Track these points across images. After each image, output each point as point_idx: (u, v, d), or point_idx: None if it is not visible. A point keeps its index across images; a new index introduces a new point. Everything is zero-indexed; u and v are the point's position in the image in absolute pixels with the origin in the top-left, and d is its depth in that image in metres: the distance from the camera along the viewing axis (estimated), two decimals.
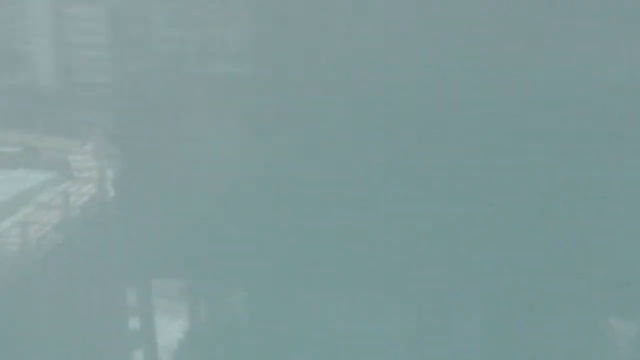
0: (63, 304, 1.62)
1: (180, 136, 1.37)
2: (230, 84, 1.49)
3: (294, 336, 1.40)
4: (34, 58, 1.75)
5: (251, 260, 1.36)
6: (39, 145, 2.43)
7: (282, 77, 1.91)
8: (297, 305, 1.41)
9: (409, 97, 2.16)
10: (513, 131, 2.49)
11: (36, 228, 2.35)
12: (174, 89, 1.43)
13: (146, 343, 1.71)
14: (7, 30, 1.69)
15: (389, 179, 2.15)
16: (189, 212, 1.35)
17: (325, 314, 1.44)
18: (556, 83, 2.31)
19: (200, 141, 1.33)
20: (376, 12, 1.96)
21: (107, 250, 1.80)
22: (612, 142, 2.47)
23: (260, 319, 1.42)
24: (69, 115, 1.76)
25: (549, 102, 2.25)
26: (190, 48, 1.58)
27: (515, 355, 2.26)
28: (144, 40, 1.73)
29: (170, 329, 1.67)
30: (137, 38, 1.77)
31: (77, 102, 1.80)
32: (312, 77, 1.80)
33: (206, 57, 1.58)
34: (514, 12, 2.20)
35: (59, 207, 2.62)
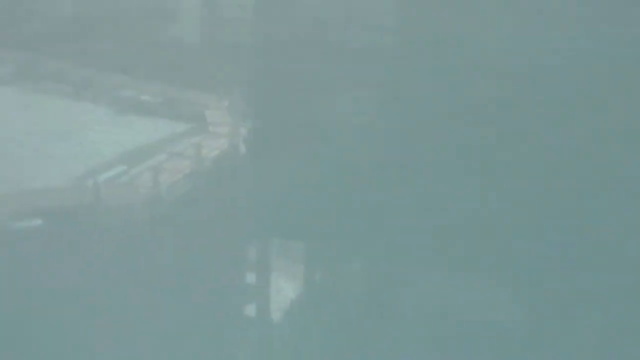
0: (186, 249, 1.70)
1: (314, 102, 1.39)
2: (370, 56, 1.48)
3: (405, 311, 1.41)
4: (181, 15, 1.81)
5: (371, 231, 1.37)
6: (179, 98, 2.52)
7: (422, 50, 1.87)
8: (412, 283, 1.42)
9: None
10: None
11: (168, 175, 2.46)
12: (313, 55, 1.44)
13: (260, 300, 1.77)
14: None
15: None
16: (315, 178, 1.37)
17: (441, 293, 1.43)
18: None
19: (334, 108, 1.34)
20: None
21: (232, 204, 1.87)
22: None
23: (374, 291, 1.44)
24: (210, 71, 1.81)
25: None
26: (333, 15, 1.59)
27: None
28: (288, 5, 1.75)
29: (286, 290, 1.71)
30: (282, 2, 1.80)
31: (218, 59, 1.85)
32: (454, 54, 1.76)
33: (348, 26, 1.58)
34: None
35: (191, 157, 2.72)
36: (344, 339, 1.35)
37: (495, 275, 1.50)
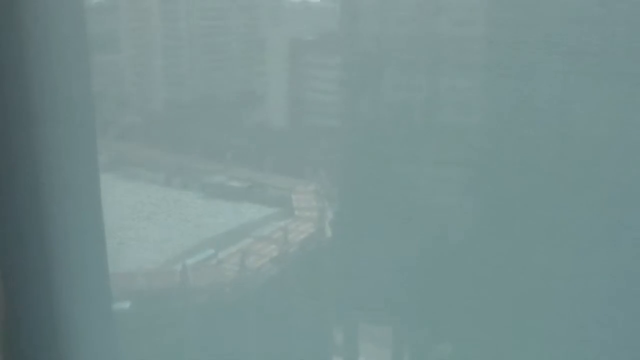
0: (272, 333, 1.68)
1: (400, 185, 1.38)
2: (458, 136, 1.47)
3: None
4: (268, 101, 1.85)
5: (460, 317, 1.32)
6: (266, 182, 2.57)
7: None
8: None
9: None
10: None
11: (255, 259, 2.49)
12: (399, 137, 1.44)
13: None
14: (248, 74, 1.80)
15: None
16: (404, 261, 1.34)
17: None
18: None
19: (422, 189, 1.33)
20: None
21: (319, 287, 1.85)
22: None
23: None
24: (297, 156, 1.84)
25: None
26: (419, 96, 1.58)
27: None
28: (374, 89, 1.77)
29: None
30: (367, 86, 1.82)
31: (305, 144, 1.88)
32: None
33: (435, 107, 1.57)
34: None
35: (277, 241, 2.76)
36: None
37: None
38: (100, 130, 1.45)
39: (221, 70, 1.99)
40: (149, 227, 1.91)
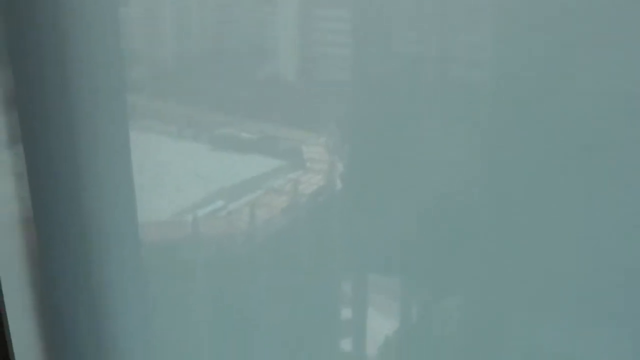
0: (281, 283, 1.68)
1: (411, 139, 1.35)
2: (468, 92, 1.42)
3: (502, 352, 1.34)
4: (278, 54, 1.80)
5: (470, 268, 1.30)
6: (276, 134, 2.55)
7: None
8: (515, 324, 1.35)
9: None
10: None
11: (265, 210, 2.46)
12: (410, 92, 1.40)
13: (356, 336, 1.73)
14: (257, 28, 1.75)
15: None
16: (413, 214, 1.32)
17: (542, 335, 1.35)
18: None
19: (429, 146, 1.31)
20: None
21: (328, 239, 1.85)
22: None
23: (470, 331, 1.37)
24: (307, 108, 1.80)
25: None
26: (430, 51, 1.54)
27: None
28: (384, 42, 1.73)
29: (381, 326, 1.66)
30: (378, 39, 1.78)
31: (315, 96, 1.85)
32: None
33: (446, 62, 1.53)
34: None
35: (288, 193, 2.72)
36: None
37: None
38: (111, 83, 1.45)
39: (231, 22, 1.95)
40: (160, 179, 1.89)
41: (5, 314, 1.31)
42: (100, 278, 1.35)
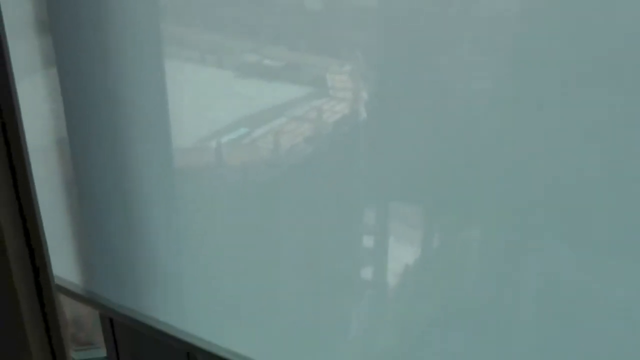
0: (303, 211, 1.68)
1: (438, 67, 1.32)
2: (494, 23, 1.37)
3: (523, 281, 1.34)
4: None
5: (492, 198, 1.29)
6: (301, 62, 2.52)
7: None
8: (532, 253, 1.34)
9: None
10: None
11: (288, 138, 2.46)
12: (438, 19, 1.35)
13: (376, 264, 1.73)
14: None
15: None
16: (437, 143, 1.30)
17: (561, 266, 1.35)
18: None
19: (456, 74, 1.27)
20: None
21: (351, 168, 1.83)
22: None
23: (491, 259, 1.38)
24: (332, 35, 1.76)
25: None
26: None
27: None
28: None
29: (402, 255, 1.67)
30: None
31: (341, 23, 1.80)
32: None
33: None
34: None
35: (311, 121, 2.73)
36: (458, 305, 1.30)
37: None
38: (141, 9, 1.45)
39: None
40: (183, 105, 1.88)
41: (40, 218, 1.34)
42: (132, 192, 1.37)
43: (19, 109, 1.26)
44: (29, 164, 1.32)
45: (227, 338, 1.34)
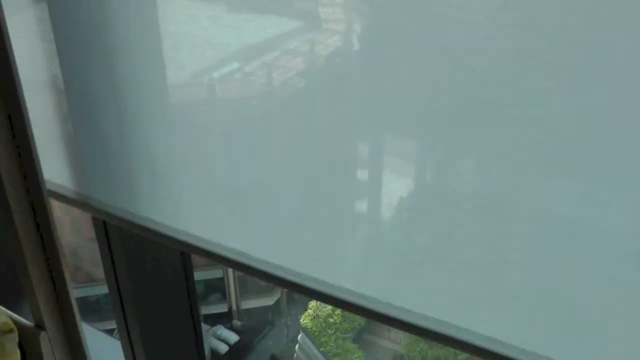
0: (296, 145, 1.66)
1: (433, 1, 1.27)
2: None
3: (516, 212, 1.33)
4: None
5: (486, 130, 1.27)
6: None
7: None
8: (526, 184, 1.32)
9: None
10: None
11: (281, 72, 2.43)
12: None
13: (371, 197, 1.72)
14: None
15: None
16: (430, 74, 1.27)
17: (556, 197, 1.33)
18: None
19: (449, 6, 1.22)
20: None
21: (344, 101, 1.79)
22: None
23: (485, 190, 1.36)
24: None
25: None
26: None
27: None
28: None
29: (395, 186, 1.65)
30: None
31: None
32: None
33: None
34: None
35: (304, 54, 2.68)
36: (452, 238, 1.30)
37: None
38: None
39: None
40: (172, 41, 1.84)
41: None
42: (126, 123, 1.38)
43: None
44: (15, 64, 1.31)
45: (222, 235, 1.36)
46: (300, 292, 1.22)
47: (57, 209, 1.51)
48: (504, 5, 0.92)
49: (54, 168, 1.56)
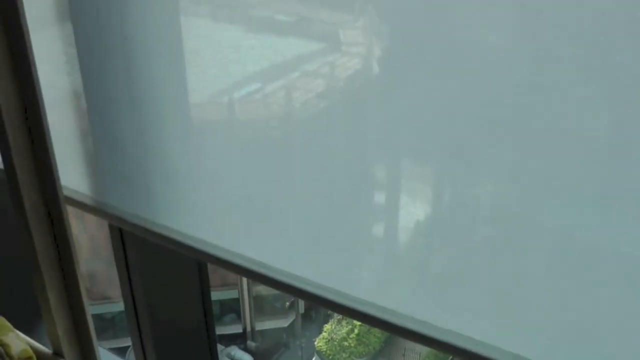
0: (316, 166, 1.67)
1: (450, 24, 1.28)
2: None
3: (536, 235, 1.32)
4: None
5: (504, 155, 1.26)
6: (313, 17, 2.47)
7: None
8: (545, 207, 1.31)
9: None
10: None
11: (301, 93, 2.44)
12: None
13: (388, 220, 1.72)
14: None
15: None
16: (449, 99, 1.27)
17: (574, 220, 1.31)
18: None
19: (468, 30, 1.23)
20: None
21: (364, 123, 1.79)
22: None
23: (503, 215, 1.36)
24: None
25: None
26: None
27: None
28: None
29: (413, 211, 1.66)
30: None
31: None
32: None
33: None
34: None
35: (324, 76, 2.69)
36: (470, 259, 1.30)
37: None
38: None
39: None
40: (195, 61, 1.86)
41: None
42: (145, 131, 1.39)
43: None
44: (36, 72, 1.33)
45: (239, 245, 1.35)
46: (318, 303, 1.21)
47: (75, 226, 1.52)
48: (525, 31, 0.93)
49: (71, 175, 1.57)
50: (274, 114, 1.30)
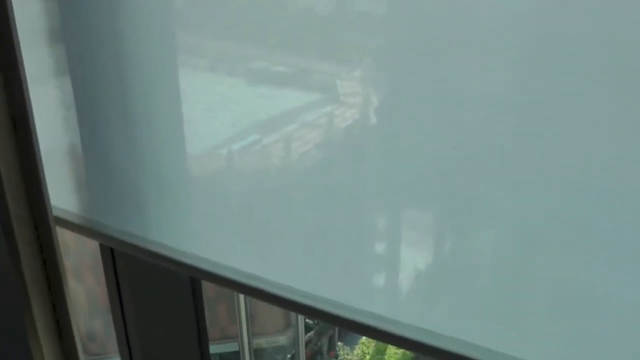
0: (314, 217, 1.66)
1: (447, 73, 1.29)
2: (502, 24, 1.33)
3: (539, 286, 1.31)
4: None
5: (504, 205, 1.25)
6: (310, 68, 2.48)
7: None
8: (548, 259, 1.30)
9: None
10: None
11: (299, 144, 2.43)
12: (448, 24, 1.32)
13: (389, 270, 1.70)
14: None
15: None
16: (449, 146, 1.27)
17: (579, 272, 1.30)
18: None
19: (466, 80, 1.24)
20: None
21: (362, 174, 1.79)
22: None
23: (506, 265, 1.34)
24: (341, 42, 1.72)
25: None
26: None
27: None
28: None
29: (414, 260, 1.63)
30: None
31: (350, 29, 1.76)
32: None
33: None
34: None
35: (322, 127, 2.69)
36: (473, 308, 1.28)
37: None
38: (150, 18, 1.47)
39: None
40: (193, 112, 1.86)
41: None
42: (144, 186, 1.38)
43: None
44: (28, 91, 1.32)
45: (232, 260, 1.33)
46: (318, 317, 1.18)
47: (72, 281, 1.50)
48: (524, 82, 0.93)
49: (61, 193, 1.56)
50: (273, 166, 1.30)
